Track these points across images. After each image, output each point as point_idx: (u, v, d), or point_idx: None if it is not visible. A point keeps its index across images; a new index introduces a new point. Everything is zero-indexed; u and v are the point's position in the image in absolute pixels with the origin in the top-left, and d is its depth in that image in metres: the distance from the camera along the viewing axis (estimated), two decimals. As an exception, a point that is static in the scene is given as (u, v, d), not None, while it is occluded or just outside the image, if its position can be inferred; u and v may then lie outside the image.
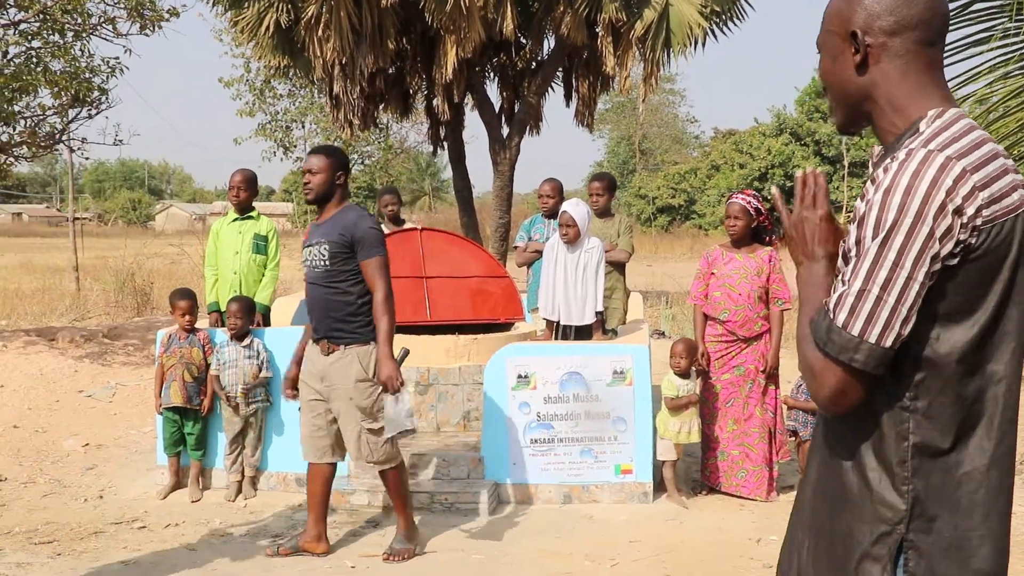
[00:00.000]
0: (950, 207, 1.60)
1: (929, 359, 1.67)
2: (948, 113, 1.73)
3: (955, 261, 1.63)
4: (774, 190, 1.99)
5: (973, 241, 1.62)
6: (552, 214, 7.37)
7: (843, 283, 1.66)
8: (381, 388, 4.87)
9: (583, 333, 6.48)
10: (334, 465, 5.24)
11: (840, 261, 1.77)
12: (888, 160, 1.68)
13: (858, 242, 1.65)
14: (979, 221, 1.62)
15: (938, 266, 1.62)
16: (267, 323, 6.83)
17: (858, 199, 1.72)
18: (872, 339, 1.62)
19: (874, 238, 1.62)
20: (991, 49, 6.08)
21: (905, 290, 1.61)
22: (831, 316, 1.66)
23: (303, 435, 5.22)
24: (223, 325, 6.61)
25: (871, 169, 1.88)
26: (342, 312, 4.94)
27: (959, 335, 1.66)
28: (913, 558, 1.70)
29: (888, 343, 1.62)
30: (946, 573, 1.70)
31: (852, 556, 1.74)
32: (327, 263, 4.95)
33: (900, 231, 1.60)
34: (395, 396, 4.82)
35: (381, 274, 4.90)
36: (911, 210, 1.59)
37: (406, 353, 5.12)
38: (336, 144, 30.34)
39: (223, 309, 6.66)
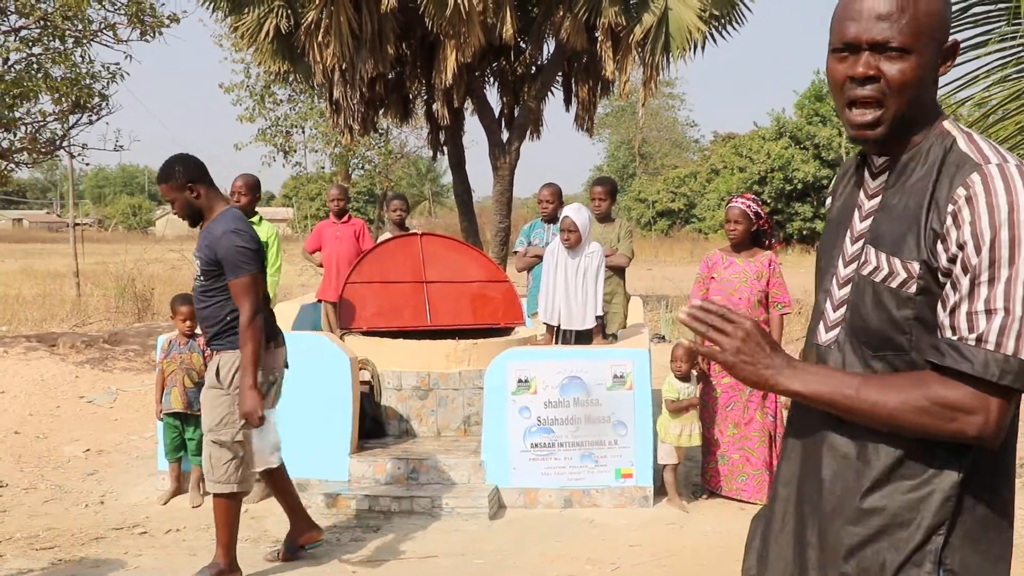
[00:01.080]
0: None
1: None
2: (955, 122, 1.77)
3: None
4: (684, 346, 1.92)
5: None
6: (551, 219, 7.38)
7: (987, 312, 1.61)
8: (243, 421, 4.56)
9: (583, 337, 6.49)
10: (281, 467, 4.98)
11: (947, 291, 1.68)
12: (976, 176, 1.64)
13: (992, 264, 1.60)
14: None
15: None
16: None
17: (946, 220, 1.66)
18: None
19: (1012, 260, 1.59)
20: (989, 53, 6.08)
21: None
22: (994, 347, 1.60)
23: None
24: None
25: (871, 178, 1.86)
26: (216, 327, 4.68)
27: None
28: (949, 555, 1.70)
29: None
30: (977, 567, 1.72)
31: (888, 568, 1.73)
32: (202, 278, 4.68)
33: None
34: (260, 429, 4.53)
35: (246, 295, 4.50)
36: None
37: (275, 381, 4.79)
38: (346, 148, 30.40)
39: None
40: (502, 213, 14.79)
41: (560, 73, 15.21)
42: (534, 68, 15.35)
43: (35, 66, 10.67)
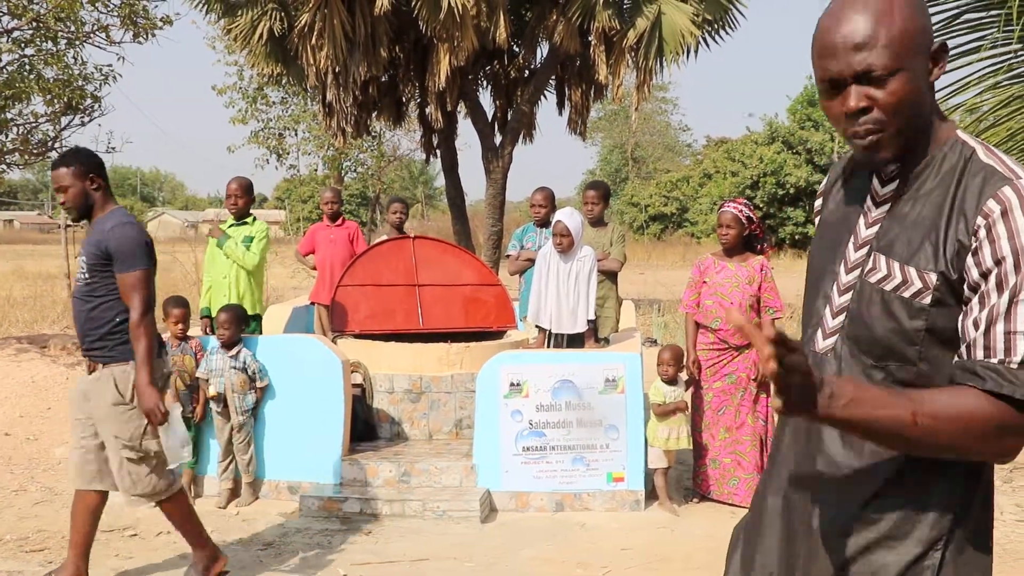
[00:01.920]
0: None
1: None
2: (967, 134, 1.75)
3: None
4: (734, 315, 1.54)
5: None
6: (544, 223, 7.39)
7: (1013, 333, 1.58)
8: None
9: (575, 341, 6.50)
10: (103, 494, 4.66)
11: (975, 307, 1.64)
12: (1008, 189, 1.62)
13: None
14: None
15: None
16: (253, 330, 6.80)
17: (978, 233, 1.63)
18: None
19: None
20: (981, 59, 6.11)
21: None
22: None
23: (71, 458, 4.71)
24: (213, 332, 6.63)
25: (879, 187, 1.83)
26: (101, 330, 4.42)
27: None
28: (945, 570, 1.70)
29: None
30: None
31: None
32: (86, 276, 4.43)
33: None
34: (166, 426, 4.36)
35: (138, 290, 4.33)
36: None
37: (169, 375, 4.62)
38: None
39: (214, 316, 6.69)
40: (495, 216, 14.80)
41: (553, 77, 15.24)
42: (527, 72, 15.37)
43: (27, 67, 10.64)
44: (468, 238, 15.50)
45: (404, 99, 15.93)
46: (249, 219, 7.03)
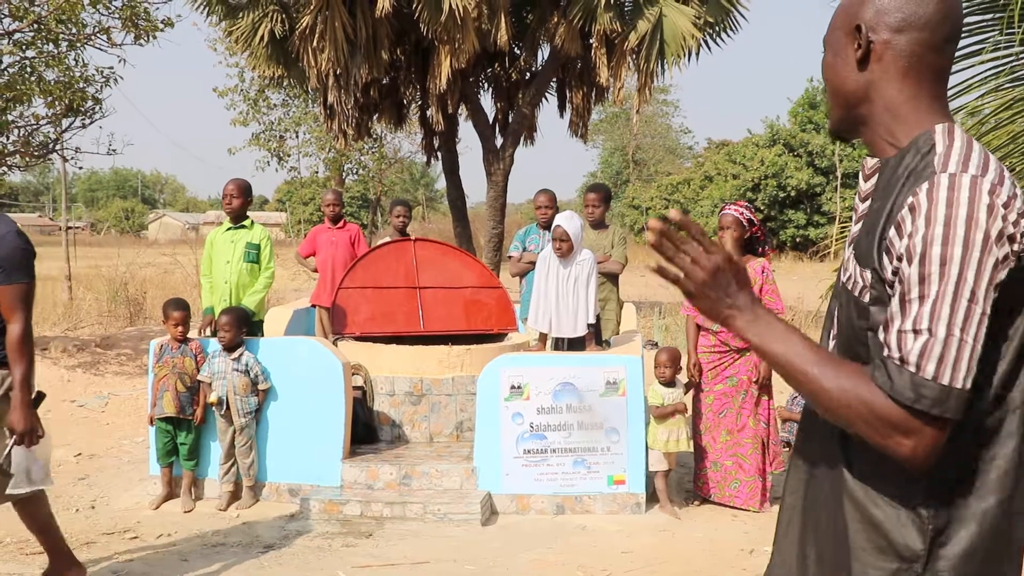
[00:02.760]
0: (1006, 235, 1.53)
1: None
2: (960, 132, 1.66)
3: (996, 292, 1.56)
4: (672, 213, 1.70)
5: (1013, 266, 1.56)
6: (548, 225, 7.40)
7: (914, 332, 1.53)
8: (14, 438, 4.05)
9: (576, 344, 6.49)
10: (35, 495, 4.32)
11: (894, 303, 1.59)
12: (925, 186, 1.56)
13: (922, 281, 1.52)
14: (1021, 246, 1.56)
15: (995, 295, 1.55)
16: (254, 332, 6.80)
17: (891, 229, 1.59)
18: (959, 384, 1.52)
19: (942, 278, 1.51)
20: (983, 62, 6.11)
21: (980, 327, 1.53)
22: (914, 369, 1.52)
23: None
24: (214, 334, 6.61)
25: (862, 182, 1.82)
26: None
27: (989, 361, 1.59)
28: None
29: (969, 384, 1.54)
30: None
31: None
32: None
33: (970, 267, 1.51)
34: (29, 448, 4.08)
35: (20, 304, 4.04)
36: (976, 243, 1.50)
37: (41, 398, 4.23)
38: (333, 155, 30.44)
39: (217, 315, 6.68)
40: (496, 219, 14.80)
41: (554, 79, 15.24)
42: (528, 74, 15.37)
43: (28, 69, 10.65)
44: (469, 240, 15.50)
45: (405, 101, 15.94)
46: (247, 222, 6.98)
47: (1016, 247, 1.54)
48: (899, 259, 1.55)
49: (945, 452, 1.58)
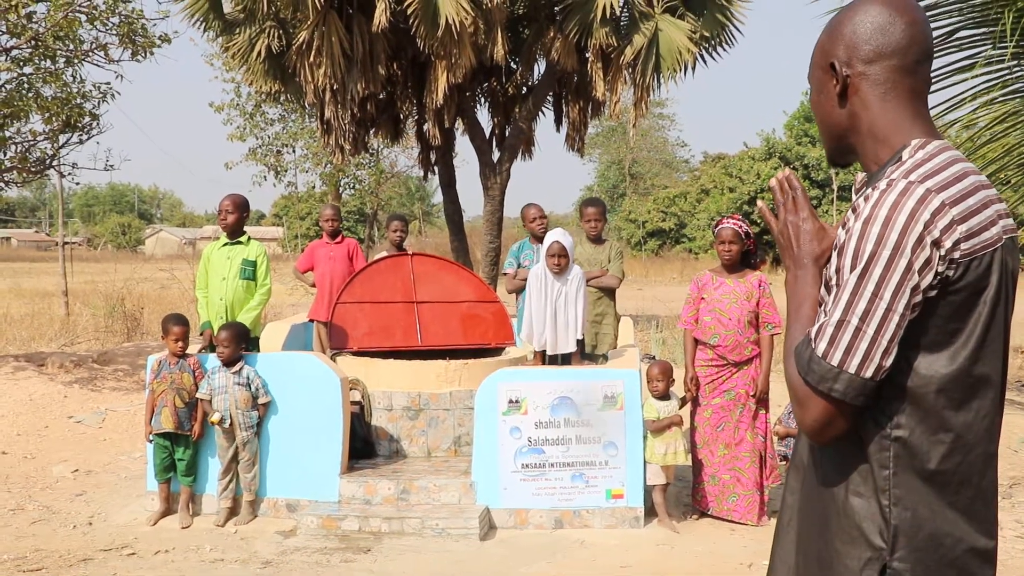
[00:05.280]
0: (928, 239, 1.61)
1: (910, 389, 1.68)
2: (931, 144, 1.74)
3: (934, 293, 1.64)
4: (760, 203, 2.02)
5: (951, 274, 1.63)
6: (541, 238, 7.43)
7: (824, 312, 1.68)
8: None
9: (567, 359, 6.51)
10: None
11: (822, 290, 1.77)
12: (869, 190, 1.71)
13: (838, 271, 1.67)
14: (957, 254, 1.63)
15: (919, 298, 1.63)
16: (251, 348, 6.78)
17: (840, 227, 1.73)
18: (851, 369, 1.63)
19: (852, 269, 1.64)
20: (976, 76, 6.15)
21: (885, 321, 1.62)
22: (812, 345, 1.67)
23: None
24: (212, 349, 6.60)
25: (854, 196, 1.90)
26: None
27: (938, 366, 1.67)
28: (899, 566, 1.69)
29: (869, 374, 1.63)
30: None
31: None
32: None
33: (879, 262, 1.61)
34: None
35: None
36: (889, 242, 1.61)
37: None
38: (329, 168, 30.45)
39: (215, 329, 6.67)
40: (492, 233, 14.82)
41: (551, 94, 15.29)
42: (525, 88, 15.43)
43: (26, 86, 10.67)
44: (466, 254, 15.52)
45: (402, 116, 15.99)
46: (243, 238, 6.95)
47: (943, 253, 1.62)
48: (838, 254, 1.69)
49: (907, 446, 1.68)
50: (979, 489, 1.73)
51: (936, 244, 1.62)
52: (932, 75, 2.16)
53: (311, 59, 12.73)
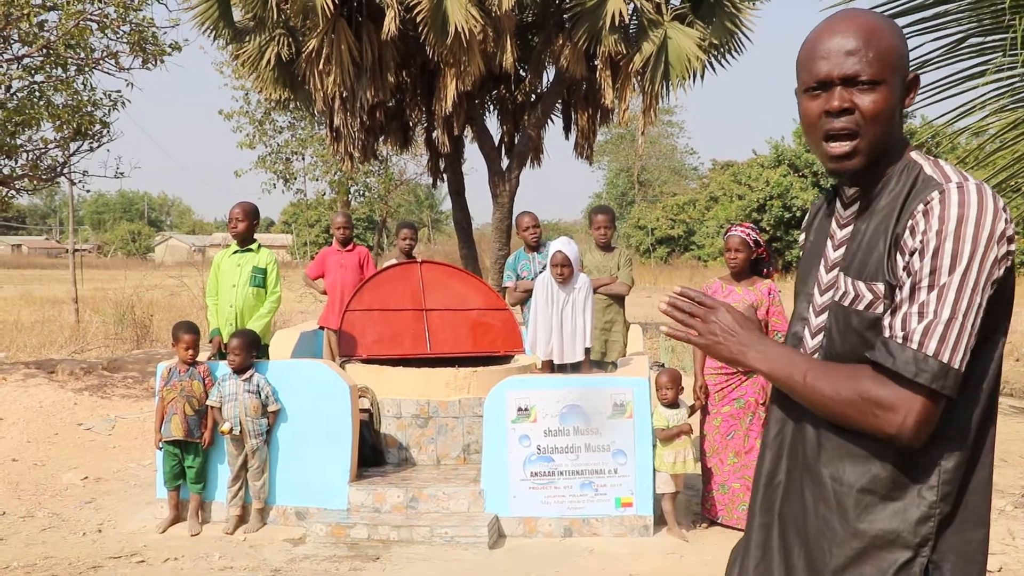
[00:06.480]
0: (1007, 234, 1.71)
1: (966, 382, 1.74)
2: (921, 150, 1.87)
3: (993, 289, 1.72)
4: (664, 329, 2.03)
5: (1007, 266, 1.73)
6: (537, 246, 7.43)
7: (919, 314, 1.69)
8: None
9: (576, 368, 6.51)
10: None
11: (898, 291, 1.76)
12: (936, 194, 1.72)
13: (932, 272, 1.68)
14: (1013, 247, 1.73)
15: (991, 291, 1.71)
16: (261, 356, 6.79)
17: (905, 233, 1.74)
18: (957, 364, 1.67)
19: (952, 269, 1.67)
20: (986, 83, 6.13)
21: (977, 316, 1.69)
22: (916, 347, 1.68)
23: None
24: (223, 356, 6.60)
25: (842, 210, 1.95)
26: None
27: (985, 357, 1.76)
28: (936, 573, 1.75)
29: (964, 368, 1.69)
30: None
31: None
32: None
33: (976, 261, 1.67)
34: None
35: None
36: (982, 240, 1.67)
37: None
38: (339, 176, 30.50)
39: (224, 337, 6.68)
40: (501, 240, 14.81)
41: (560, 101, 15.28)
42: (534, 96, 15.42)
43: (37, 94, 10.72)
44: (475, 262, 15.51)
45: (411, 123, 16.00)
46: (254, 246, 6.97)
47: (1012, 248, 1.72)
48: (911, 254, 1.71)
49: (955, 439, 1.74)
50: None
51: (1010, 239, 1.72)
52: (941, 83, 2.22)
53: (320, 67, 12.75)
